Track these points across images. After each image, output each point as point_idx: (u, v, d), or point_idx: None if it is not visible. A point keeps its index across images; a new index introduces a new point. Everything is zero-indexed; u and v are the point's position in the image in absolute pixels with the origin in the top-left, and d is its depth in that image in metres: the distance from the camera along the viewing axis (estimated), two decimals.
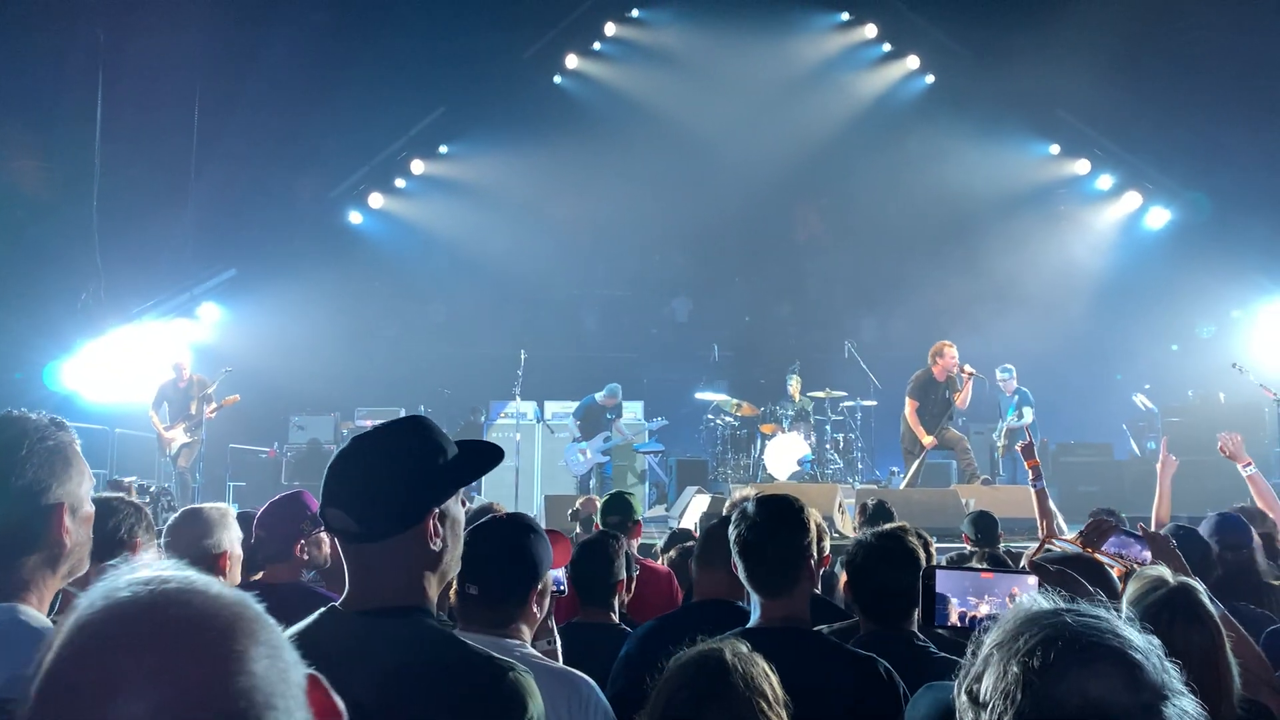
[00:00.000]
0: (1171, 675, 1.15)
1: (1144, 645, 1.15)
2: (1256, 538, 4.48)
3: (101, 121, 11.06)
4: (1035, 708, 1.12)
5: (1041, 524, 4.56)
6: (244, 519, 3.68)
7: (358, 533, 1.78)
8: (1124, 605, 2.39)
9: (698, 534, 5.49)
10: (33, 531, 1.78)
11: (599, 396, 13.64)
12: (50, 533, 1.78)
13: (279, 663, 0.89)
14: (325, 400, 14.39)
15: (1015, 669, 1.15)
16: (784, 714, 2.05)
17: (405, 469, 1.82)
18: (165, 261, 13.08)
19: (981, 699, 1.18)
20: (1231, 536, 4.41)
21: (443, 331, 17.66)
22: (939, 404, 11.23)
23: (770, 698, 2.04)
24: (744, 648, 2.12)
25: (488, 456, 1.94)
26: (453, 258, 16.57)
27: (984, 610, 2.31)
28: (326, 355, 14.82)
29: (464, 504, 1.96)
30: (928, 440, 11.08)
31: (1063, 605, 1.22)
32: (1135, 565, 2.99)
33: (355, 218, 16.21)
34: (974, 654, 1.23)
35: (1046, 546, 3.45)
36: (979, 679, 1.20)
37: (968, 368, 11.17)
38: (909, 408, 11.26)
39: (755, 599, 2.79)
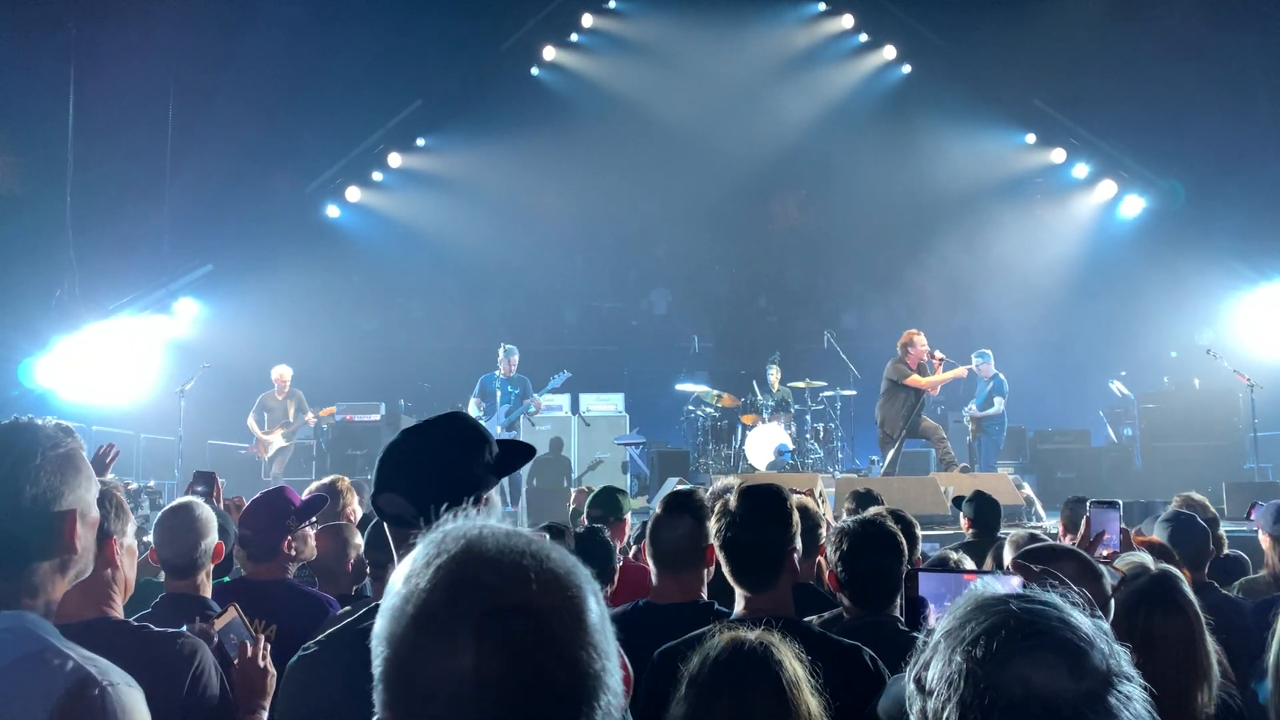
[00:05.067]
0: (1120, 659, 1.16)
1: (1091, 631, 1.16)
2: None
3: (74, 115, 10.96)
4: (978, 696, 1.13)
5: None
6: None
7: (413, 517, 1.84)
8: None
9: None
10: (47, 539, 1.79)
11: (498, 370, 12.45)
12: (63, 539, 1.80)
13: (608, 622, 1.01)
14: (304, 395, 14.31)
15: (959, 658, 1.16)
16: (814, 701, 2.06)
17: (459, 456, 1.94)
18: (141, 257, 12.97)
19: (927, 686, 1.19)
20: None
21: (422, 325, 17.61)
22: (913, 392, 11.32)
23: (807, 682, 2.06)
24: (773, 635, 2.14)
25: (522, 453, 2.09)
26: (431, 251, 16.49)
27: None
28: (305, 350, 14.71)
29: None
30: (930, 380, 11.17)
31: (1013, 592, 1.23)
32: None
33: (333, 212, 16.09)
34: (925, 641, 1.24)
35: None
36: (927, 666, 1.21)
37: (938, 354, 11.29)
38: (912, 381, 11.22)
39: (738, 592, 2.81)
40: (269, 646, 2.90)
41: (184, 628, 2.70)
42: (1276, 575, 4.37)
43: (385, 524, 1.96)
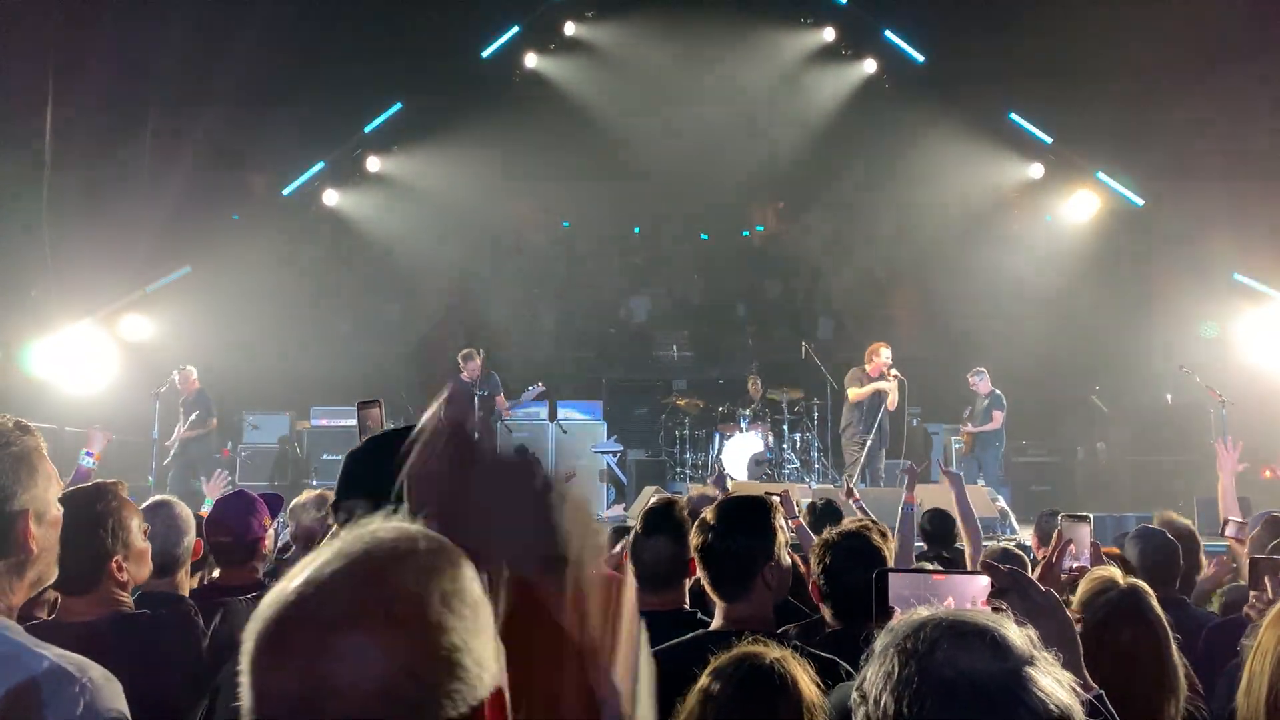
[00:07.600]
0: (1042, 650, 1.24)
1: (1017, 632, 1.25)
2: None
3: (52, 115, 10.86)
4: (909, 682, 1.22)
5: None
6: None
7: None
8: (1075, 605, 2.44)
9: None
10: None
11: (464, 375, 11.96)
12: (15, 539, 1.77)
13: (474, 614, 0.99)
14: (280, 399, 14.21)
15: (892, 652, 1.26)
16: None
17: None
18: (117, 257, 12.87)
19: (865, 690, 1.28)
20: None
21: (398, 329, 17.53)
22: (874, 401, 11.69)
23: (820, 705, 2.05)
24: (785, 652, 2.13)
25: None
26: (408, 255, 16.44)
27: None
28: (281, 353, 14.66)
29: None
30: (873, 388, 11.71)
31: (941, 609, 1.32)
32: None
33: (310, 214, 16.02)
34: (866, 659, 1.33)
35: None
36: (866, 677, 1.30)
37: (895, 371, 11.60)
38: (853, 393, 11.79)
39: (717, 602, 2.82)
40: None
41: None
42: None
43: None
